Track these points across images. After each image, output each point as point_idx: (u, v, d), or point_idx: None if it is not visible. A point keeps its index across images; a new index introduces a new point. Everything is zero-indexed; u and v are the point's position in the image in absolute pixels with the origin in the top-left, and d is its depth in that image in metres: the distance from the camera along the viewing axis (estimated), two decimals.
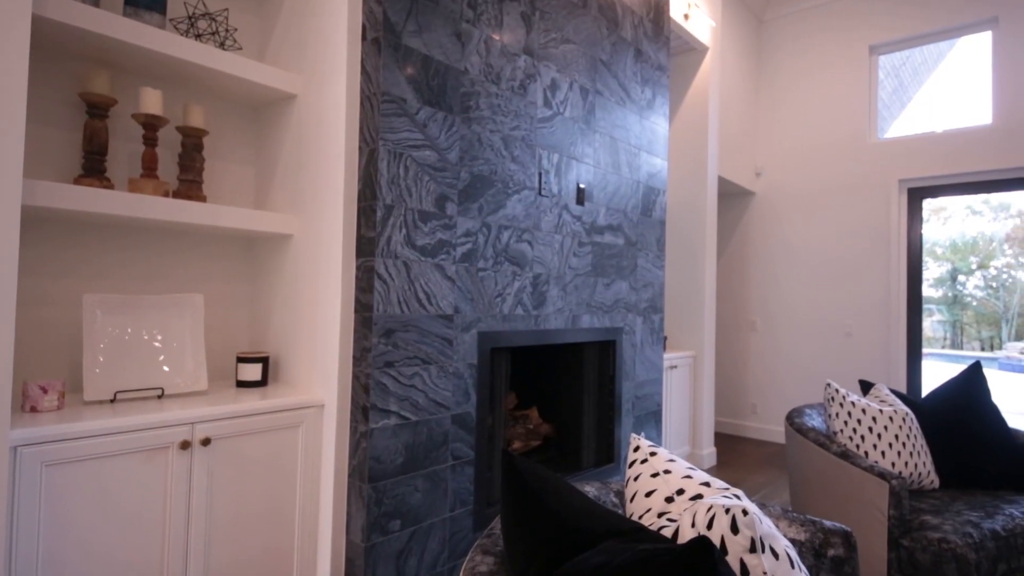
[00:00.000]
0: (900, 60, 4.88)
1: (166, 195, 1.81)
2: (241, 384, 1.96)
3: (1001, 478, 2.19)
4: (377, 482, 1.82)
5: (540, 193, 2.49)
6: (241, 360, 1.97)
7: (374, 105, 1.86)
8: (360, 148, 1.91)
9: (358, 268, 1.88)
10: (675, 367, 3.87)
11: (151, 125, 1.79)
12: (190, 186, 1.90)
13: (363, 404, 1.82)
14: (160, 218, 1.69)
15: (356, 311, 1.88)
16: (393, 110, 1.88)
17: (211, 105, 2.12)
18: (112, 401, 1.64)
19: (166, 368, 1.78)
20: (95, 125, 1.69)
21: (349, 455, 1.87)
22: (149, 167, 1.79)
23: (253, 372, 1.97)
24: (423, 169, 1.99)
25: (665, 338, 4.19)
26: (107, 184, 1.68)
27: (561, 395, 3.02)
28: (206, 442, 1.59)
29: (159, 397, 1.72)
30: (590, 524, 0.94)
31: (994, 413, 2.28)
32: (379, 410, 1.83)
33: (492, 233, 2.25)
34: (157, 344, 1.78)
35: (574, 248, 2.69)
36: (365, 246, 1.86)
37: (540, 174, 2.48)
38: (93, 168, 1.69)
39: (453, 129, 2.09)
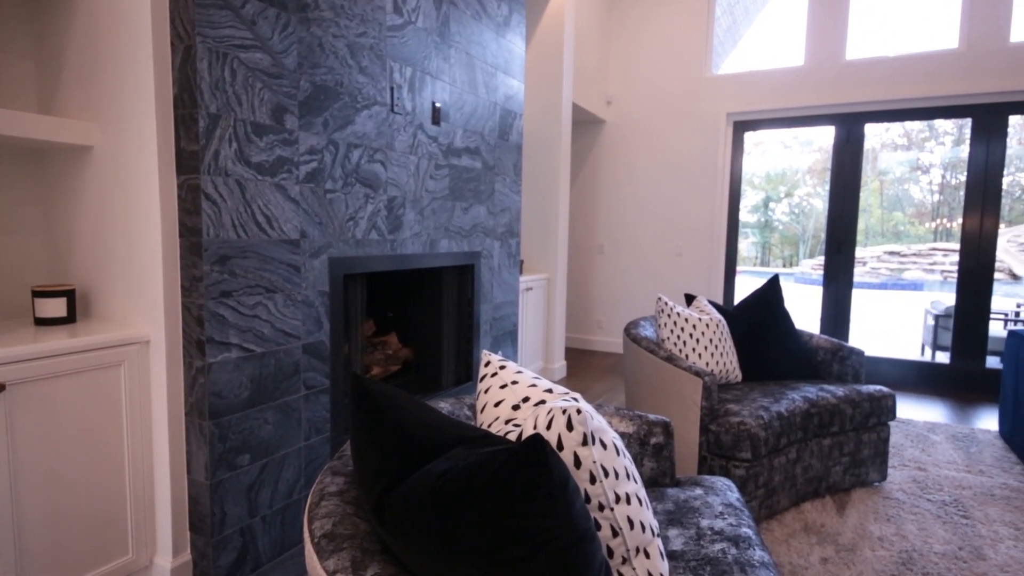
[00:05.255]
0: None
1: None
2: (41, 322, 1.69)
3: (788, 370, 2.65)
4: (220, 418, 1.71)
5: (393, 110, 2.35)
6: (38, 294, 1.68)
7: None
8: (173, 44, 1.63)
9: (180, 187, 1.66)
10: (530, 289, 4.05)
11: None
12: None
13: (197, 337, 1.67)
14: None
15: (182, 235, 1.67)
16: (212, 0, 1.62)
17: None
18: None
19: None
20: None
21: (185, 392, 1.72)
22: None
23: (56, 307, 1.70)
24: (254, 74, 1.76)
25: (522, 262, 4.34)
26: None
27: (420, 320, 3.03)
28: (0, 388, 1.36)
29: None
30: (439, 436, 0.97)
31: (785, 318, 2.72)
32: (217, 343, 1.69)
33: (340, 151, 2.11)
34: None
35: (431, 170, 2.62)
36: (187, 161, 1.64)
37: (392, 89, 2.34)
38: None
39: (289, 30, 1.87)
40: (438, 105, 2.62)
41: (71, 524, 1.56)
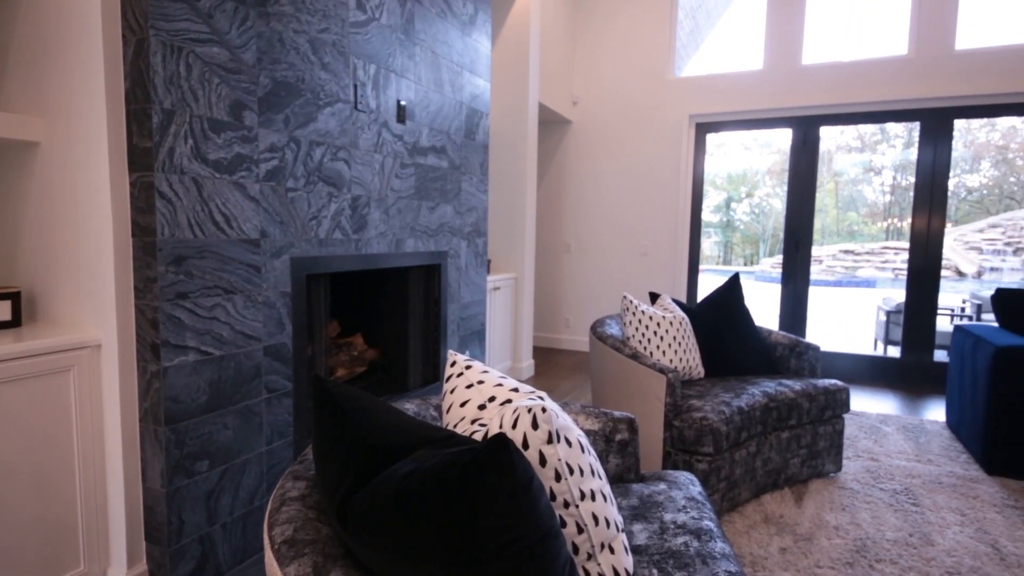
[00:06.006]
0: (697, 2, 5.35)
1: None
2: None
3: (749, 366, 2.72)
4: (177, 424, 1.66)
5: (356, 107, 2.32)
6: None
7: None
8: (124, 37, 1.57)
9: (133, 185, 1.60)
10: (498, 288, 4.05)
11: None
12: None
13: (152, 341, 1.62)
14: None
15: (134, 235, 1.62)
16: None
17: None
18: None
19: None
20: None
21: (139, 398, 1.66)
22: None
23: (1, 311, 1.62)
24: (211, 69, 1.71)
25: (489, 261, 4.33)
26: None
27: (387, 320, 3.00)
28: None
29: None
30: (404, 437, 0.97)
31: (745, 315, 2.79)
32: (173, 346, 1.64)
33: (302, 149, 2.06)
34: None
35: (396, 169, 2.60)
36: (140, 158, 1.58)
37: (356, 86, 2.31)
38: None
39: (248, 24, 1.82)
40: (403, 103, 2.60)
41: (18, 536, 1.49)
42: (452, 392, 1.33)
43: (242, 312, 1.86)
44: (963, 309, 6.46)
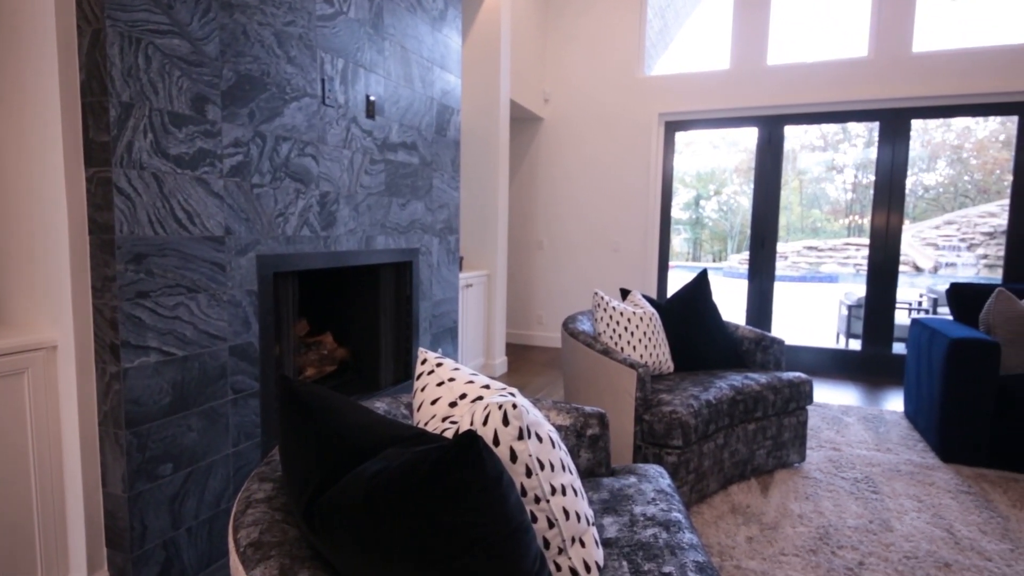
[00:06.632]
0: (666, 1, 5.41)
1: None
2: None
3: (717, 360, 2.78)
4: (138, 427, 1.61)
5: (324, 102, 2.28)
6: None
7: None
8: (79, 28, 1.52)
9: (89, 180, 1.55)
10: (470, 285, 4.04)
11: None
12: None
13: (111, 342, 1.56)
14: None
15: (92, 232, 1.56)
16: None
17: None
18: None
19: None
20: None
21: (98, 400, 1.61)
22: None
23: None
24: (172, 61, 1.66)
25: (461, 258, 4.32)
26: None
27: (357, 318, 2.96)
28: None
29: None
30: (373, 437, 0.96)
31: (713, 310, 2.84)
32: (133, 347, 1.59)
33: (268, 144, 2.02)
34: None
35: (366, 165, 2.56)
36: (97, 153, 1.53)
37: (323, 81, 2.27)
38: None
39: (210, 16, 1.77)
40: (372, 98, 2.57)
41: None
42: (423, 390, 1.32)
43: (206, 311, 1.81)
44: (920, 303, 6.71)
